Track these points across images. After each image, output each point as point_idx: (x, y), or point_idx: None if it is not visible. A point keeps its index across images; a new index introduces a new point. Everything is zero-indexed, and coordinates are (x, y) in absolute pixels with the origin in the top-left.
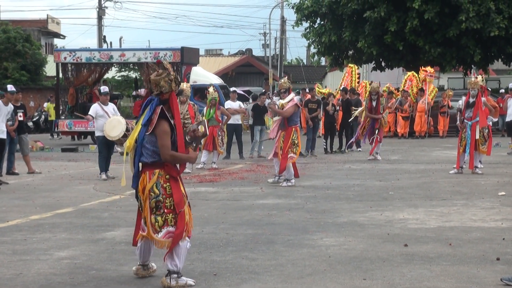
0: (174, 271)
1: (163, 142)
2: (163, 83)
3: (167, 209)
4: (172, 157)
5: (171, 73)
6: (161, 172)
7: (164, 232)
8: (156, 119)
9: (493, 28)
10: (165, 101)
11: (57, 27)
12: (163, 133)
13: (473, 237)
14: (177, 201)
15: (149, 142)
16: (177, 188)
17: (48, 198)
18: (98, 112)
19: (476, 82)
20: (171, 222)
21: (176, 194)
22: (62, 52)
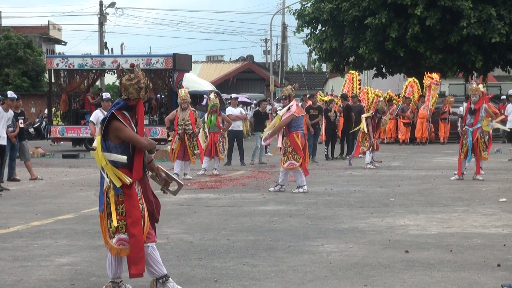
0: (158, 276)
1: (128, 134)
2: (131, 89)
3: (119, 216)
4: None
5: (141, 81)
6: None
7: (116, 239)
8: (105, 124)
9: (494, 34)
10: (132, 107)
11: (59, 33)
12: (119, 129)
13: (474, 243)
14: (128, 208)
15: (104, 147)
16: (129, 195)
17: (49, 204)
18: (99, 118)
19: (477, 89)
20: (121, 229)
21: (127, 201)
22: (54, 58)
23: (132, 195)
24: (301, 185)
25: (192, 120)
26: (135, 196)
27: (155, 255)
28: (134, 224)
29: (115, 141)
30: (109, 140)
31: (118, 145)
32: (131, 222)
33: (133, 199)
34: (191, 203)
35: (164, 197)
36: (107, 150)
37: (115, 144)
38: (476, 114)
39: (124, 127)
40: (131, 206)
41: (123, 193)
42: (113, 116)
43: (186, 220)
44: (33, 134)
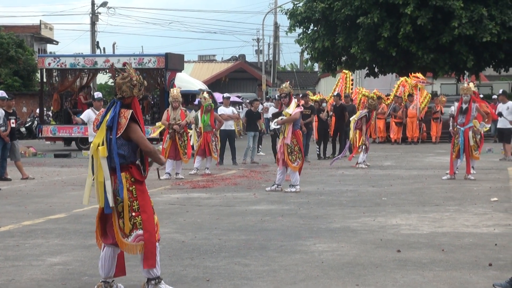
0: (150, 277)
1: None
2: (125, 87)
3: (134, 212)
4: (154, 150)
5: (133, 79)
6: (126, 175)
7: (134, 236)
8: (126, 124)
9: (485, 34)
10: (128, 105)
11: (50, 32)
12: (136, 131)
13: (466, 243)
14: (142, 203)
15: (115, 144)
16: (142, 190)
17: (40, 204)
18: (91, 117)
19: (468, 88)
20: (139, 225)
21: (141, 197)
22: (46, 58)
23: (144, 191)
24: (295, 185)
25: (182, 119)
26: (146, 191)
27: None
28: (149, 220)
29: (126, 139)
30: (122, 138)
31: (128, 142)
32: (146, 217)
33: (145, 194)
34: (183, 202)
35: (156, 197)
36: (119, 147)
37: (125, 141)
38: (468, 114)
39: (138, 128)
40: (145, 201)
41: (136, 189)
42: (133, 118)
43: (178, 219)
44: (25, 133)
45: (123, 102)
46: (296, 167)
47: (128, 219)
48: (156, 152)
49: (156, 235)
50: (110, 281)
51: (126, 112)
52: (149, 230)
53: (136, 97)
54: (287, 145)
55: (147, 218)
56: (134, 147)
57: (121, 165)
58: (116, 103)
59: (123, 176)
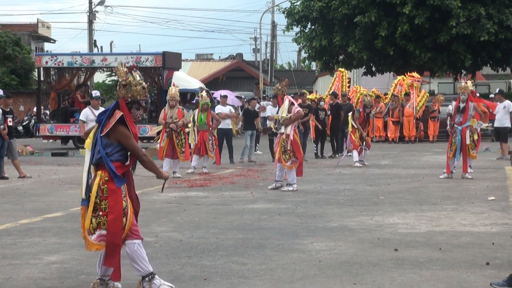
0: (143, 275)
1: (132, 144)
2: (117, 87)
3: (102, 212)
4: (149, 161)
5: (123, 79)
6: (102, 174)
7: (97, 235)
8: (113, 123)
9: (483, 33)
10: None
11: (48, 31)
12: (125, 137)
13: (463, 242)
14: (111, 204)
15: (101, 143)
16: (114, 191)
17: (38, 202)
18: (89, 116)
19: (466, 87)
20: (103, 225)
21: (111, 197)
22: (43, 56)
23: (116, 191)
24: (292, 183)
25: (180, 118)
26: (119, 192)
27: (141, 252)
28: (114, 221)
29: (114, 141)
30: (109, 138)
31: (116, 144)
32: (112, 218)
33: (117, 195)
34: (180, 201)
35: (153, 195)
36: (104, 147)
37: (113, 142)
38: (465, 113)
39: (131, 136)
40: (114, 203)
41: (108, 189)
42: (122, 121)
43: (175, 218)
44: (22, 132)
45: (117, 103)
46: (291, 166)
47: (89, 217)
48: (153, 165)
49: (120, 237)
50: (106, 279)
51: (117, 114)
52: (113, 231)
53: (123, 98)
54: (282, 144)
55: (113, 219)
56: (122, 149)
57: (99, 163)
58: (114, 102)
59: (98, 174)
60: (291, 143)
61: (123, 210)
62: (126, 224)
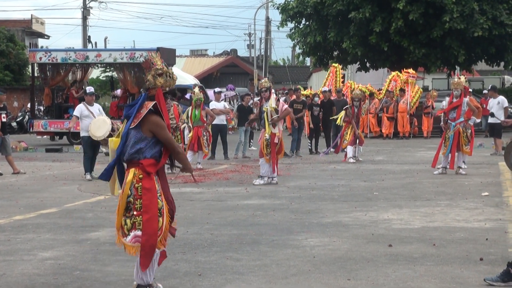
0: (141, 285)
1: (166, 135)
2: (149, 77)
3: (136, 211)
4: (183, 153)
5: (158, 68)
6: (136, 171)
7: (132, 236)
8: (144, 113)
9: (476, 29)
10: (153, 97)
11: (42, 27)
12: (160, 127)
13: (457, 238)
14: (146, 203)
15: (133, 137)
16: (149, 189)
17: (32, 198)
18: (83, 112)
19: (459, 83)
20: (139, 225)
21: (146, 196)
22: (37, 52)
23: (151, 190)
24: (263, 176)
25: (175, 114)
26: (154, 191)
27: (154, 263)
28: (150, 221)
29: (148, 134)
30: (141, 131)
31: (150, 138)
32: (147, 218)
33: (152, 194)
34: (175, 197)
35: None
36: (137, 142)
37: (147, 136)
38: (459, 109)
39: (165, 126)
40: (149, 202)
41: (142, 187)
42: (156, 109)
43: None
44: (16, 128)
45: (148, 94)
46: (268, 159)
47: (121, 216)
48: (185, 157)
49: (156, 239)
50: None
51: (149, 103)
52: (148, 232)
53: (161, 88)
54: (266, 139)
55: (148, 219)
56: (155, 143)
57: (132, 160)
58: (144, 94)
59: (131, 172)
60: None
61: (159, 210)
62: (163, 224)
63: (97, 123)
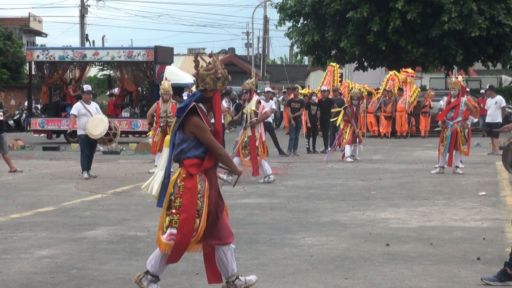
0: (151, 273)
1: (207, 137)
2: (208, 80)
3: (175, 210)
4: (226, 155)
5: (218, 71)
6: (181, 171)
7: (167, 234)
8: (184, 115)
9: (474, 29)
10: (208, 99)
11: (39, 25)
12: (200, 129)
13: (454, 237)
14: (185, 203)
15: (177, 138)
16: (190, 189)
17: (29, 197)
18: (81, 110)
19: (456, 82)
20: (175, 224)
21: (186, 195)
22: (34, 50)
23: (192, 190)
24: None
25: (173, 112)
26: (195, 191)
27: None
28: (186, 221)
29: (190, 135)
30: (184, 132)
31: (192, 138)
32: (184, 218)
33: (193, 194)
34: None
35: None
36: (180, 143)
37: (189, 137)
38: (456, 108)
39: (205, 128)
40: (189, 201)
41: (184, 187)
42: (194, 111)
43: None
44: (13, 126)
45: (204, 95)
46: (248, 162)
47: (164, 215)
48: (230, 159)
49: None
50: (233, 280)
51: (191, 105)
52: (183, 232)
53: (219, 91)
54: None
55: (185, 219)
56: (198, 143)
57: (178, 160)
58: (195, 94)
59: (177, 171)
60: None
61: (198, 211)
62: (200, 226)
63: (94, 121)
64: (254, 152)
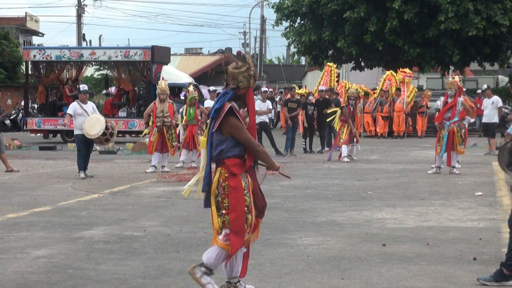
0: (206, 265)
1: (245, 136)
2: (241, 77)
3: (225, 210)
4: (264, 152)
5: (251, 68)
6: (221, 170)
7: (223, 234)
8: (222, 117)
9: (471, 29)
10: (241, 96)
11: (36, 25)
12: (237, 129)
13: (450, 237)
14: (233, 202)
15: (215, 139)
16: (235, 188)
17: (25, 196)
18: (77, 110)
19: (453, 83)
20: (228, 224)
21: (232, 194)
22: (31, 50)
23: (237, 188)
24: None
25: (170, 112)
26: (241, 189)
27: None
28: (236, 220)
29: (227, 135)
30: (221, 133)
31: (230, 138)
32: (234, 217)
33: (239, 192)
34: (169, 195)
35: (141, 190)
36: (218, 144)
37: (227, 137)
38: (453, 108)
39: (243, 127)
40: (236, 200)
41: (228, 186)
42: (231, 112)
43: (163, 212)
44: (9, 126)
45: (236, 93)
46: None
47: (215, 216)
48: (268, 156)
49: (243, 235)
50: (234, 282)
51: (226, 106)
52: (235, 230)
53: (252, 87)
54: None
55: (235, 218)
56: (237, 144)
57: (218, 160)
58: (227, 93)
59: (218, 171)
60: None
61: (247, 207)
62: (252, 220)
63: (91, 121)
64: None
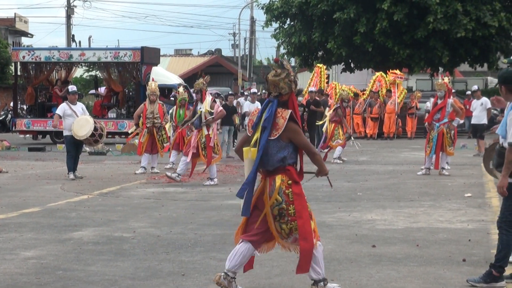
0: (318, 279)
1: (303, 140)
2: (282, 84)
3: (290, 217)
4: (319, 155)
5: (291, 74)
6: (283, 178)
7: (293, 238)
8: (284, 124)
9: (460, 30)
10: (284, 102)
11: (25, 25)
12: (297, 133)
13: (440, 238)
14: (299, 208)
15: (274, 147)
16: (299, 194)
17: (14, 197)
18: (66, 111)
19: (443, 84)
20: (296, 230)
21: (297, 201)
22: (20, 50)
23: (301, 194)
24: (213, 178)
25: (160, 113)
26: (303, 195)
27: (321, 255)
28: (304, 225)
29: (287, 141)
30: (282, 139)
31: (290, 144)
32: (302, 223)
33: (302, 198)
34: (159, 196)
35: (131, 191)
36: (278, 150)
37: (286, 143)
38: (443, 110)
39: (301, 132)
40: (301, 207)
41: (293, 193)
42: (292, 118)
43: (153, 214)
44: None
45: (280, 100)
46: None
47: (272, 223)
48: (321, 158)
49: (312, 242)
50: (230, 276)
51: (284, 112)
52: (305, 237)
53: (294, 92)
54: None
55: (303, 224)
56: (295, 148)
57: (278, 167)
58: (272, 102)
59: (278, 178)
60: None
61: (309, 212)
62: (314, 226)
63: (80, 122)
64: (210, 151)
